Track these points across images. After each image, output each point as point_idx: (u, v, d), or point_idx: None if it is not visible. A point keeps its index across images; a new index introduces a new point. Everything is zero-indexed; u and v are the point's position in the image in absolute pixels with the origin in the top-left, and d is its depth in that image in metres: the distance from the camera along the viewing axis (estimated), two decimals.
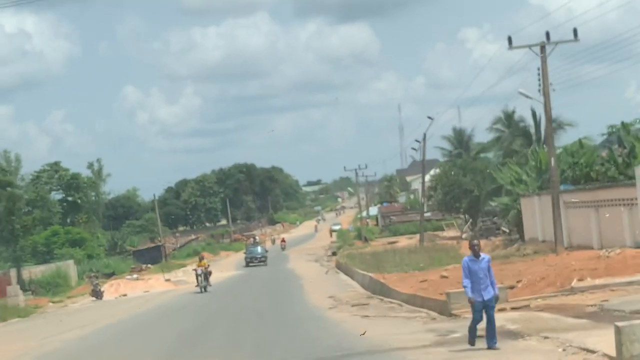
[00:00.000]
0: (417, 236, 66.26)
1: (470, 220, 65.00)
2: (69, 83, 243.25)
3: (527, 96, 36.88)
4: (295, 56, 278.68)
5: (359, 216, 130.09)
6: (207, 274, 42.19)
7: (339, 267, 49.60)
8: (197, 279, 42.56)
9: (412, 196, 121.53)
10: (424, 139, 54.67)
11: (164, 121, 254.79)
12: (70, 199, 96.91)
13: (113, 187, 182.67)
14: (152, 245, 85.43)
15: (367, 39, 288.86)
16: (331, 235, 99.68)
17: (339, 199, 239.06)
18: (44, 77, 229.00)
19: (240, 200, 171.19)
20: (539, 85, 32.41)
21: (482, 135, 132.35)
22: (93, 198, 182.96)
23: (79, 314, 39.43)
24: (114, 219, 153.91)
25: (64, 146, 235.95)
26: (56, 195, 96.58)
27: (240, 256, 75.84)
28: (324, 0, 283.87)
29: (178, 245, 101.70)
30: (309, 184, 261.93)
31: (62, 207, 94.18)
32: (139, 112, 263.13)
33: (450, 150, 79.55)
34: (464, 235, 59.92)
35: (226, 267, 68.29)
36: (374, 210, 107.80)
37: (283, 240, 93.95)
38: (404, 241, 64.36)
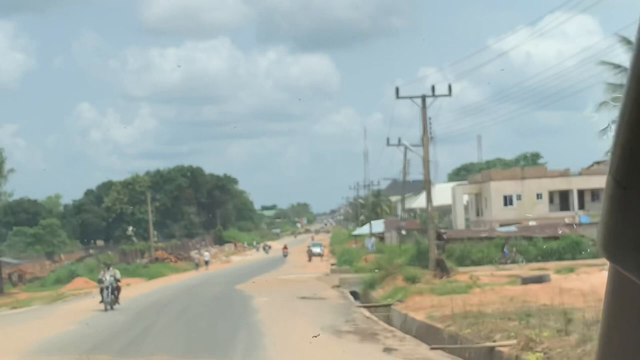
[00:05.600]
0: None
1: None
2: (22, 96, 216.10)
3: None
4: (255, 84, 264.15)
5: (355, 232, 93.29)
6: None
7: None
8: None
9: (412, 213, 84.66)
10: None
11: (116, 141, 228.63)
12: None
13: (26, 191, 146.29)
14: None
15: (327, 71, 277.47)
16: (310, 259, 68.97)
17: (298, 224, 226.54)
18: None
19: (180, 212, 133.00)
20: None
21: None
22: None
23: None
24: (14, 225, 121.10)
25: (12, 160, 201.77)
26: None
27: (153, 285, 37.82)
28: (287, 29, 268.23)
29: (65, 263, 62.48)
30: (264, 208, 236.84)
31: None
32: (92, 130, 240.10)
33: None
34: None
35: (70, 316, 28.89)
36: (379, 226, 70.31)
37: (285, 247, 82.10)
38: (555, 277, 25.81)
